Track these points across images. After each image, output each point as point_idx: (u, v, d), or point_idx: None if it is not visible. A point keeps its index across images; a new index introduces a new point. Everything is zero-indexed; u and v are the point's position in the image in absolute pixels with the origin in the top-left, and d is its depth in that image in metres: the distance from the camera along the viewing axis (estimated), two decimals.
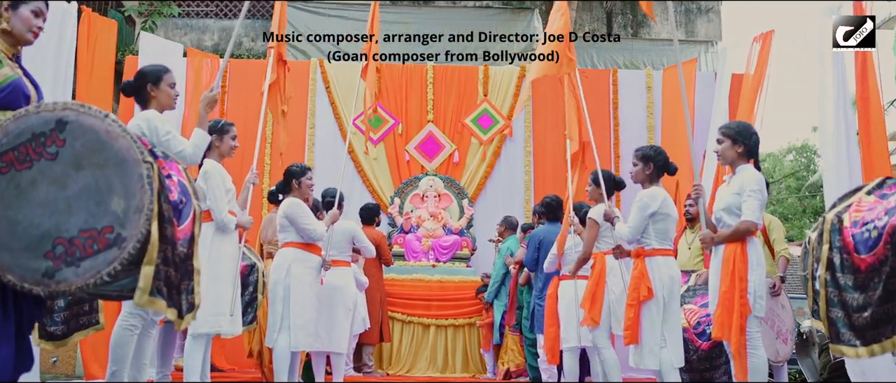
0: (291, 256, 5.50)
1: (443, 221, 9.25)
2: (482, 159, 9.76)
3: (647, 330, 4.63)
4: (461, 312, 8.47)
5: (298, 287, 5.41)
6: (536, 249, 6.83)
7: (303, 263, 5.48)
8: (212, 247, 4.70)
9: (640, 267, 4.72)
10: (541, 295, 6.75)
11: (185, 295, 2.92)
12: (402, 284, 8.51)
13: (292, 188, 5.68)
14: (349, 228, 6.29)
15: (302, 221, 5.48)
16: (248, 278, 6.14)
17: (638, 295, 4.66)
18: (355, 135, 9.71)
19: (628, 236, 4.77)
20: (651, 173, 4.91)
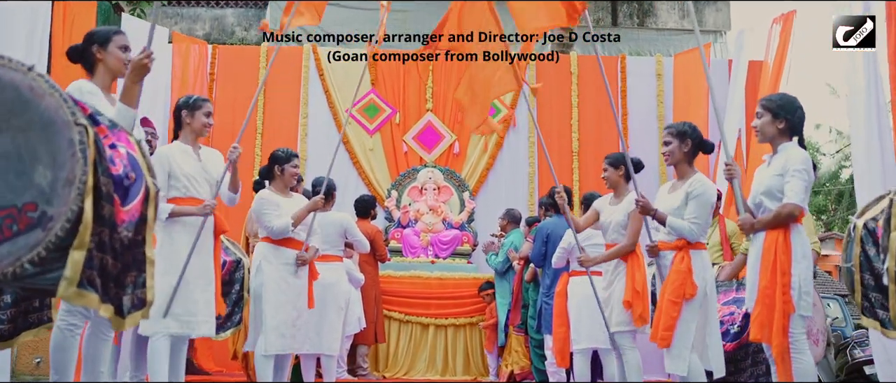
0: (261, 253, 5.02)
1: (442, 215, 8.76)
2: (484, 150, 9.30)
3: (682, 332, 4.11)
4: (462, 311, 7.99)
5: (270, 285, 4.92)
6: (544, 243, 6.36)
7: (274, 259, 4.99)
8: (169, 236, 4.21)
9: (685, 261, 4.18)
10: (548, 292, 6.28)
11: (132, 290, 2.43)
12: (399, 282, 8.04)
13: (275, 175, 5.19)
14: (341, 220, 5.81)
15: (262, 218, 5.01)
16: (234, 275, 5.66)
17: (683, 293, 4.11)
18: (350, 125, 9.22)
19: (696, 234, 4.20)
20: (689, 151, 4.40)
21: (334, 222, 5.76)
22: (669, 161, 4.49)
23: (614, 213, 5.09)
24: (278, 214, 5.02)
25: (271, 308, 4.93)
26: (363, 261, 7.31)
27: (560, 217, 6.46)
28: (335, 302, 5.64)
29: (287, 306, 4.99)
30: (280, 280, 4.98)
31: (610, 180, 5.20)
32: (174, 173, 4.27)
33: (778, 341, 3.34)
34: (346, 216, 5.87)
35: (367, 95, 9.32)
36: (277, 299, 4.95)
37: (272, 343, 4.93)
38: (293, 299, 5.04)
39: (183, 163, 4.32)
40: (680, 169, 4.45)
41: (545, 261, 6.36)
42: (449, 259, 8.53)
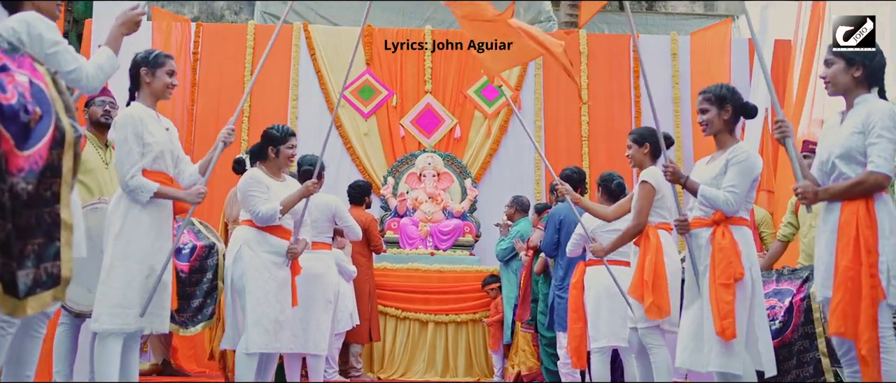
0: (242, 238, 4.38)
1: (442, 204, 8.13)
2: (487, 134, 8.71)
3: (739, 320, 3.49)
4: (464, 307, 7.39)
5: (252, 275, 4.29)
6: (556, 231, 5.73)
7: (258, 246, 4.36)
8: (126, 218, 3.58)
9: (727, 236, 3.54)
10: (561, 285, 5.66)
11: (35, 263, 1.80)
12: (395, 275, 7.43)
13: (268, 157, 4.55)
14: (330, 203, 5.17)
15: (248, 200, 4.37)
16: (206, 261, 5.03)
17: (732, 273, 3.48)
18: (344, 108, 8.60)
19: (733, 205, 3.58)
20: (730, 118, 3.77)
21: (322, 205, 5.13)
22: (708, 131, 3.85)
23: None
24: (267, 198, 4.39)
25: (254, 301, 4.31)
26: (356, 252, 6.69)
27: None
28: (323, 295, 5.01)
29: (271, 299, 4.36)
30: (263, 270, 4.35)
31: (634, 159, 4.57)
32: (147, 142, 3.64)
33: (867, 335, 2.70)
34: (335, 198, 5.23)
35: (361, 76, 8.71)
36: (261, 291, 4.32)
37: (255, 340, 4.30)
38: (277, 292, 4.41)
39: (155, 131, 3.69)
40: (720, 139, 3.82)
41: (558, 250, 5.73)
42: (450, 251, 7.93)
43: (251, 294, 4.29)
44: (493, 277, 7.27)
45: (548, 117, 8.78)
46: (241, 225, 4.49)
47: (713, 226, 3.68)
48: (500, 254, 7.07)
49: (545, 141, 8.73)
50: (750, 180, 3.65)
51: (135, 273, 3.53)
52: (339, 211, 5.17)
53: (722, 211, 3.61)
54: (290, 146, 4.55)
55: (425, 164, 8.24)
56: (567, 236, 5.58)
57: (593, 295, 4.99)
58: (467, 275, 7.50)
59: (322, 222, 5.13)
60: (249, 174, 4.48)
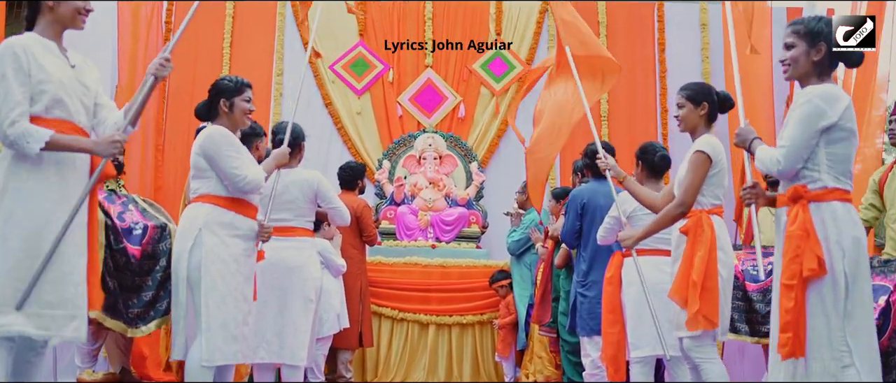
0: (204, 217, 3.48)
1: (445, 190, 7.22)
2: (495, 114, 7.84)
3: (817, 332, 2.63)
4: (470, 307, 6.49)
5: (214, 266, 3.40)
6: (578, 216, 4.83)
7: (223, 228, 3.47)
8: (7, 182, 2.66)
9: (800, 219, 2.70)
10: (585, 281, 4.77)
11: None
12: (391, 270, 6.55)
13: (220, 113, 3.64)
14: (311, 180, 4.24)
15: (224, 162, 3.47)
16: (158, 245, 4.13)
17: (797, 269, 2.64)
18: (335, 84, 7.69)
19: (783, 162, 2.74)
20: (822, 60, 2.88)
21: (301, 182, 4.21)
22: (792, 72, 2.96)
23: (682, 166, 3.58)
24: (247, 162, 3.55)
25: (217, 298, 3.41)
26: (347, 243, 5.80)
27: (600, 181, 4.91)
28: (302, 292, 4.10)
29: (238, 297, 3.45)
30: (230, 259, 3.47)
31: (686, 121, 3.64)
32: (34, 76, 2.70)
33: None
34: (316, 174, 4.29)
35: (354, 48, 7.81)
36: (226, 286, 3.43)
37: (219, 348, 3.39)
38: (245, 288, 3.50)
39: (47, 63, 2.75)
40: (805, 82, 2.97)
41: (581, 240, 4.83)
42: (453, 243, 7.03)
43: (213, 290, 3.39)
44: (502, 273, 6.39)
45: None
46: (196, 201, 3.57)
47: (790, 203, 2.79)
48: (512, 247, 6.19)
49: None
50: (814, 129, 2.74)
51: (17, 256, 2.59)
52: (323, 189, 4.24)
53: (776, 175, 2.85)
54: (246, 98, 3.65)
55: (425, 146, 7.33)
56: (591, 223, 4.73)
57: (634, 293, 4.08)
58: (473, 271, 6.63)
59: (301, 203, 4.20)
60: (217, 130, 3.56)
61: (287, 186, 4.16)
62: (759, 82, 7.10)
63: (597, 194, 4.83)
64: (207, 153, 3.51)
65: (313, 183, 4.21)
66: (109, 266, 4.10)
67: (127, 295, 4.20)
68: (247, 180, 3.46)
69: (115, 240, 4.15)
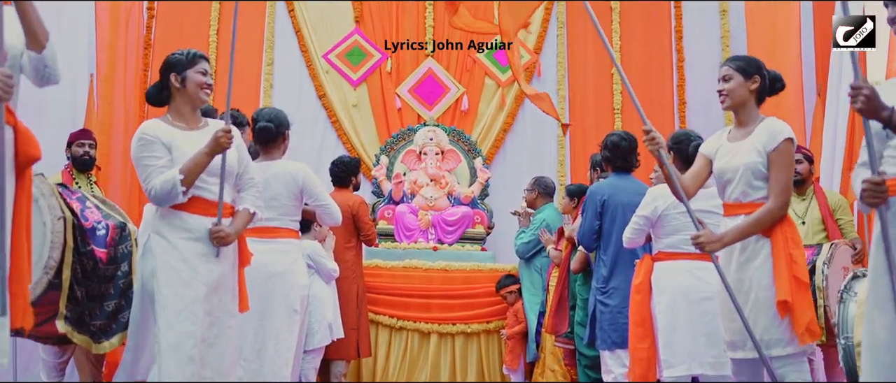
0: (151, 219, 3.05)
1: (447, 188, 6.70)
2: (500, 106, 7.33)
3: None
4: (475, 315, 5.95)
5: (165, 274, 2.91)
6: (598, 215, 4.32)
7: (171, 232, 2.97)
8: None
9: None
10: (605, 288, 4.28)
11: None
12: (390, 274, 6.03)
13: (173, 91, 3.12)
14: (296, 173, 3.71)
15: (137, 168, 3.03)
16: (118, 247, 3.60)
17: None
18: (329, 74, 7.18)
19: None
20: None
21: (284, 176, 3.68)
22: None
23: (741, 154, 3.04)
24: (164, 164, 2.98)
25: (170, 314, 2.88)
26: (341, 245, 5.30)
27: (622, 176, 4.40)
28: (285, 302, 3.58)
29: (194, 310, 2.91)
30: (183, 266, 2.94)
31: (733, 96, 3.11)
32: None
33: None
34: (302, 167, 3.76)
35: (349, 36, 7.29)
36: (179, 300, 2.90)
37: (171, 369, 2.86)
38: (204, 299, 2.97)
39: None
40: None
41: (601, 242, 4.31)
42: (457, 245, 6.49)
43: (168, 305, 2.86)
44: (510, 278, 5.86)
45: (573, 86, 7.41)
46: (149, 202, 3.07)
47: None
48: (521, 250, 5.68)
49: (569, 114, 7.35)
50: None
51: None
52: (309, 184, 3.71)
53: None
54: (200, 70, 3.10)
55: (426, 140, 6.80)
56: (612, 222, 4.25)
57: (667, 303, 3.57)
58: (478, 275, 6.09)
59: (285, 200, 3.67)
60: (140, 131, 3.03)
61: (268, 181, 3.63)
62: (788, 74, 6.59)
63: (618, 190, 4.32)
64: (132, 158, 3.04)
65: (298, 177, 3.68)
66: (77, 273, 3.58)
67: (93, 306, 3.68)
68: (151, 194, 2.94)
69: (82, 242, 3.63)
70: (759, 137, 3.01)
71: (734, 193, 3.05)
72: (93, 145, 5.31)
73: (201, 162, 2.96)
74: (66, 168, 5.33)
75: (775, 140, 2.96)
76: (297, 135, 7.05)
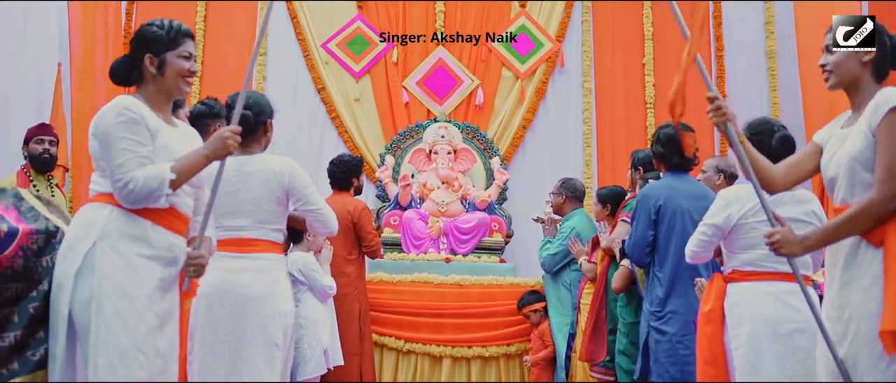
0: (102, 225, 2.28)
1: (461, 191, 5.99)
2: (519, 100, 6.61)
3: None
4: (493, 336, 5.24)
5: (112, 301, 2.21)
6: (652, 223, 3.60)
7: (130, 244, 2.28)
8: None
9: None
10: (661, 312, 3.60)
11: None
12: (395, 290, 5.33)
13: (145, 73, 2.41)
14: (279, 170, 2.95)
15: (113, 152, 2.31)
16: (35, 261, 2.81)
17: None
18: (328, 65, 6.47)
19: None
20: None
21: (264, 174, 2.92)
22: None
23: (847, 143, 2.30)
24: (147, 154, 2.31)
25: (115, 353, 2.19)
26: (341, 256, 4.65)
27: (678, 176, 3.69)
28: (263, 335, 2.83)
29: (144, 349, 2.20)
30: (136, 292, 2.25)
31: (840, 72, 2.36)
32: None
33: None
34: (286, 162, 3.00)
35: (351, 23, 6.59)
36: (128, 336, 2.21)
37: None
38: (158, 333, 2.25)
39: None
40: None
41: (655, 256, 3.60)
42: (472, 256, 5.78)
43: (112, 341, 2.15)
44: (534, 294, 5.18)
45: (600, 78, 6.70)
46: (93, 201, 2.33)
47: None
48: (547, 262, 4.98)
49: (595, 109, 6.66)
50: None
51: None
52: (297, 183, 2.95)
53: None
54: (183, 53, 2.41)
55: (437, 138, 6.07)
56: (669, 232, 3.56)
57: (747, 336, 2.81)
58: (497, 291, 5.38)
59: (266, 204, 2.92)
60: (116, 104, 2.32)
61: (245, 180, 2.90)
62: None
63: (676, 193, 3.59)
64: (97, 135, 2.32)
65: (283, 175, 2.93)
66: None
67: None
68: (127, 188, 2.24)
69: None
70: (866, 116, 2.26)
71: (840, 193, 2.30)
72: (54, 142, 4.64)
73: (197, 165, 2.37)
74: (23, 168, 4.63)
75: (878, 112, 2.21)
76: (293, 133, 6.41)
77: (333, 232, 3.08)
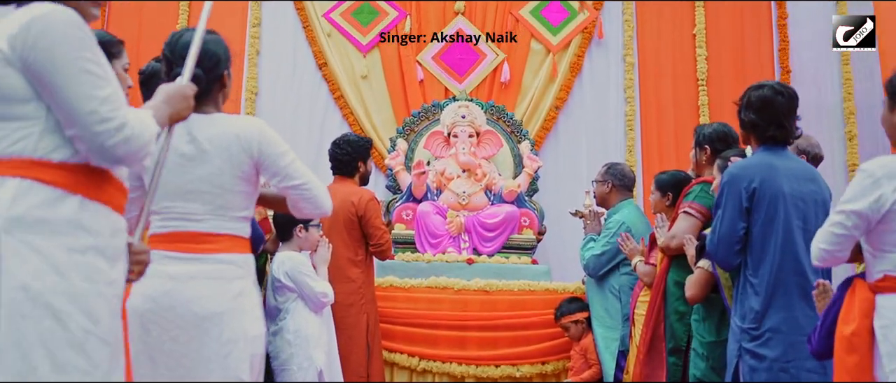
0: (8, 204, 1.49)
1: (485, 180, 5.17)
2: (551, 77, 5.81)
3: None
4: (526, 353, 4.45)
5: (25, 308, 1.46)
6: (744, 212, 2.87)
7: (53, 232, 1.52)
8: None
9: None
10: (758, 329, 2.78)
11: None
12: (410, 298, 4.56)
13: None
14: (244, 133, 2.09)
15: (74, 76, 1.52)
16: None
17: None
18: (331, 38, 5.82)
19: None
20: None
21: (224, 139, 2.07)
22: None
23: None
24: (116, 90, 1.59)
25: None
26: (344, 257, 3.97)
27: (775, 152, 2.89)
28: (222, 367, 2.01)
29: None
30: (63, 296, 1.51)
31: None
32: None
33: None
34: (255, 123, 2.15)
35: None
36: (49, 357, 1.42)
37: None
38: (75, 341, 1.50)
39: None
40: None
41: (748, 256, 2.77)
42: (499, 256, 4.97)
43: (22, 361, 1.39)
44: (575, 303, 4.41)
45: (644, 51, 5.92)
46: None
47: None
48: (591, 264, 4.24)
49: (639, 86, 5.90)
50: None
51: None
52: (268, 148, 2.09)
53: None
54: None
55: (457, 119, 5.25)
56: (769, 223, 2.73)
57: None
58: (529, 298, 4.60)
59: (226, 181, 2.07)
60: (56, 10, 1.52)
61: (198, 150, 2.06)
62: None
63: (775, 173, 2.76)
64: (36, 54, 1.50)
65: (248, 139, 2.08)
66: None
67: None
68: (122, 134, 1.53)
69: None
70: None
71: None
72: None
73: (163, 118, 1.78)
74: None
75: None
76: (291, 116, 5.60)
77: (326, 211, 2.22)
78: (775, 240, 2.69)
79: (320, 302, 3.48)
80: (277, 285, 3.52)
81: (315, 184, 2.17)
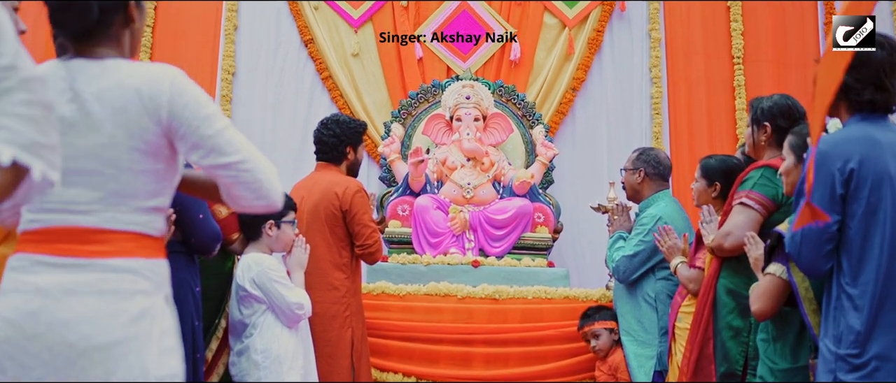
0: None
1: (493, 170, 4.63)
2: (567, 55, 5.28)
3: None
4: (543, 371, 3.94)
5: None
6: (839, 199, 2.14)
7: None
8: None
9: None
10: (860, 354, 2.17)
11: None
12: (405, 307, 4.05)
13: None
14: (149, 85, 1.45)
15: None
16: None
17: None
18: (318, 12, 5.31)
19: None
20: None
21: (120, 93, 1.43)
22: None
23: None
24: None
25: None
26: (326, 260, 3.46)
27: (875, 123, 2.32)
28: None
29: None
30: None
31: None
32: None
33: None
34: (165, 70, 1.52)
35: None
36: None
37: None
38: None
39: None
40: None
41: (843, 257, 2.14)
42: (509, 258, 4.44)
43: None
44: (601, 311, 3.85)
45: (671, 26, 5.40)
46: None
47: None
48: (622, 267, 3.68)
49: (666, 65, 5.37)
50: None
51: None
52: (183, 104, 1.43)
53: None
54: None
55: (460, 100, 4.70)
56: (872, 214, 2.12)
57: None
58: (546, 308, 4.08)
59: (124, 156, 1.43)
60: None
61: (85, 110, 1.43)
62: None
63: (879, 150, 2.17)
64: None
65: (155, 93, 1.43)
66: None
67: None
68: None
69: None
70: None
71: None
72: None
73: None
74: None
75: None
76: (274, 99, 5.01)
77: (273, 203, 1.56)
78: (881, 237, 2.06)
79: (294, 316, 2.94)
80: (242, 295, 2.95)
81: (257, 163, 1.51)
